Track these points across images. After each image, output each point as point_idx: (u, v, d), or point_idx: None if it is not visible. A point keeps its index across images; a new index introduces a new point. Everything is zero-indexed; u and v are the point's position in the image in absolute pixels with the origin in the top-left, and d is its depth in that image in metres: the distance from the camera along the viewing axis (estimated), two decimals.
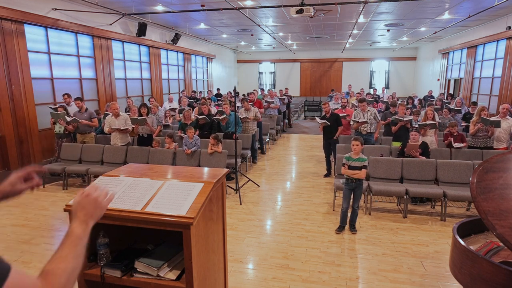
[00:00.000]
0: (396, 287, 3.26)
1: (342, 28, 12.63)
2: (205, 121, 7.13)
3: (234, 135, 6.39)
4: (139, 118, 6.52)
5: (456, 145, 5.81)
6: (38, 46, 7.61)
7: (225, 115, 7.07)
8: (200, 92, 15.25)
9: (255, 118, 7.66)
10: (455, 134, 5.89)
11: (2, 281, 0.81)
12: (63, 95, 7.31)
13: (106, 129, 6.51)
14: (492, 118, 5.79)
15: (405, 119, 6.32)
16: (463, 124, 7.84)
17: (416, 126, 6.09)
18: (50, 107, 7.14)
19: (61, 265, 0.94)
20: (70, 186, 6.40)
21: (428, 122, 5.93)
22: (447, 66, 15.32)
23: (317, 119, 7.00)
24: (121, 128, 6.37)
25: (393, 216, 4.99)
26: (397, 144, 6.24)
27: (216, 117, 7.32)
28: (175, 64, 14.22)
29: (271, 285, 3.30)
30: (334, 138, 6.71)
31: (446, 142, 6.01)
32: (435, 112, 6.39)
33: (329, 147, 6.90)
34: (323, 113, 6.90)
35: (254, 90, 12.49)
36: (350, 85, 15.95)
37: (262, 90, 15.37)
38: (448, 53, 15.11)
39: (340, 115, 6.99)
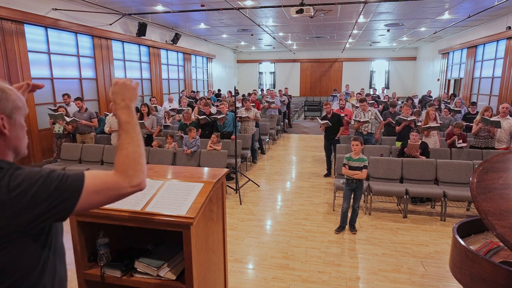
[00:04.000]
0: (396, 287, 3.26)
1: (342, 28, 12.63)
2: (205, 121, 7.15)
3: (232, 136, 6.39)
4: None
5: (459, 144, 5.81)
6: (38, 46, 7.61)
7: (223, 115, 7.09)
8: (198, 91, 15.24)
9: (255, 118, 7.68)
10: (458, 133, 5.89)
11: (82, 182, 0.97)
12: (63, 95, 7.32)
13: (106, 129, 6.53)
14: (493, 118, 5.78)
15: (408, 119, 6.32)
16: (464, 124, 7.83)
17: (419, 124, 6.09)
18: (49, 109, 7.13)
19: (121, 152, 1.07)
20: None
21: (433, 125, 5.92)
22: (447, 66, 15.32)
23: (318, 119, 7.00)
24: None
25: (393, 216, 4.99)
26: (400, 144, 6.23)
27: (215, 116, 7.34)
28: (175, 64, 14.21)
29: (271, 285, 3.30)
30: (336, 138, 6.72)
31: (449, 142, 5.99)
32: (436, 113, 6.38)
33: (331, 147, 6.90)
34: (324, 113, 6.90)
35: (254, 90, 12.50)
36: (347, 85, 15.95)
37: (262, 90, 15.44)
38: (448, 53, 15.11)
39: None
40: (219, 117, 7.12)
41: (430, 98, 12.23)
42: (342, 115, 7.28)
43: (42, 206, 0.92)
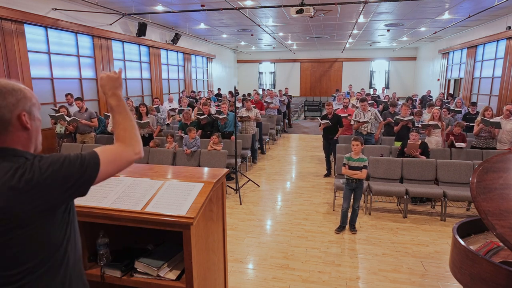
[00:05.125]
0: (396, 287, 3.26)
1: (342, 28, 12.63)
2: (206, 121, 7.16)
3: (232, 136, 6.38)
4: (142, 121, 6.54)
5: (458, 144, 5.80)
6: (38, 46, 7.61)
7: (224, 115, 7.08)
8: (200, 91, 15.25)
9: (256, 118, 7.67)
10: (457, 133, 5.88)
11: (98, 157, 1.13)
12: (66, 95, 7.32)
13: (109, 128, 6.56)
14: (494, 119, 5.76)
15: (406, 119, 6.32)
16: (464, 124, 7.83)
17: (419, 126, 6.09)
18: (52, 109, 7.13)
19: (119, 128, 1.26)
20: None
21: (431, 122, 5.92)
22: (447, 66, 15.32)
23: (319, 119, 7.01)
24: None
25: (393, 216, 4.99)
26: (399, 144, 6.23)
27: (216, 115, 7.35)
28: (175, 64, 14.21)
29: (271, 285, 3.30)
30: (334, 138, 6.72)
31: (448, 142, 6.00)
32: (441, 112, 6.36)
33: (329, 147, 6.90)
34: (324, 113, 6.90)
35: (254, 91, 12.49)
36: (350, 85, 15.97)
37: (263, 90, 15.49)
38: (448, 53, 15.11)
39: (342, 115, 6.99)
40: (220, 117, 7.12)
41: (430, 98, 12.24)
42: (346, 114, 7.28)
43: (70, 182, 1.07)
